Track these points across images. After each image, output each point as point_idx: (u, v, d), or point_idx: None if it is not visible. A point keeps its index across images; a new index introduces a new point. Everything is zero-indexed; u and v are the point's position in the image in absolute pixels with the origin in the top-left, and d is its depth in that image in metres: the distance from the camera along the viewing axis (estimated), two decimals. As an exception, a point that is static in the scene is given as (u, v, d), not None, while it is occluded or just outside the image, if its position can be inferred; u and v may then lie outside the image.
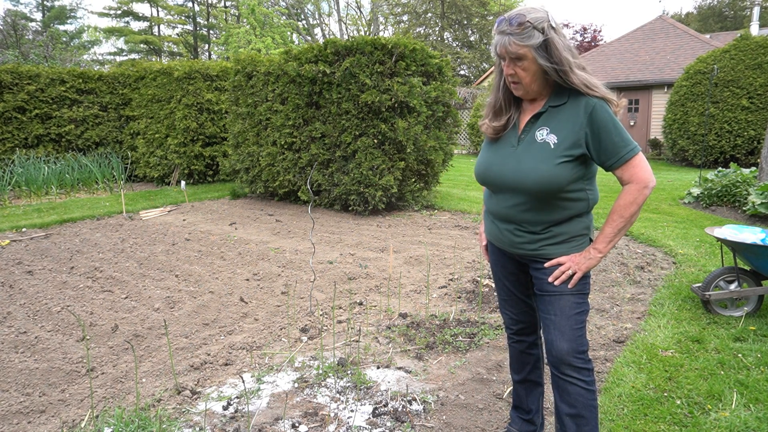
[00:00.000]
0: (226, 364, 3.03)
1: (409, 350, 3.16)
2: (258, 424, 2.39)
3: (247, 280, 4.63)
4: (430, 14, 33.65)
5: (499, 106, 1.91)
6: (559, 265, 1.83)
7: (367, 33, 34.37)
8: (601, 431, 2.30)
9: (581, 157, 1.77)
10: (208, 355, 3.14)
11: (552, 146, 1.76)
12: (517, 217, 1.85)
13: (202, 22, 39.63)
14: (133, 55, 36.53)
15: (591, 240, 1.91)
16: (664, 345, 3.13)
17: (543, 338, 1.93)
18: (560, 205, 1.80)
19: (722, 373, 2.79)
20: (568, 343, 1.81)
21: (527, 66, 1.74)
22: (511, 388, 2.70)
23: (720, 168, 8.26)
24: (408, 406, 2.53)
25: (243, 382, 2.64)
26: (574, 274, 1.81)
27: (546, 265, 1.84)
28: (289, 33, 29.25)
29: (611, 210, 1.80)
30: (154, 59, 33.76)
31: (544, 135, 1.79)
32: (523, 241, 1.88)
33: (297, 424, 2.38)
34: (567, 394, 1.84)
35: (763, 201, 6.20)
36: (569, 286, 1.82)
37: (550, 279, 1.83)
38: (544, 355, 2.01)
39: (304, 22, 33.07)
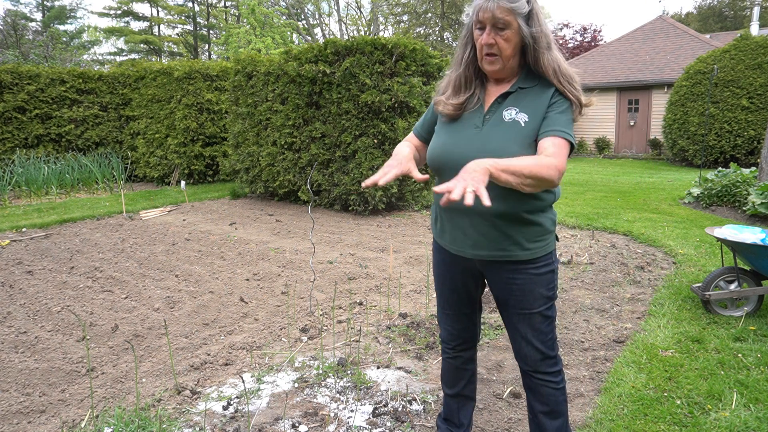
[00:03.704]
0: (226, 364, 3.03)
1: (409, 350, 3.16)
2: (258, 424, 2.39)
3: (247, 280, 4.63)
4: (430, 14, 33.63)
5: (460, 82, 1.75)
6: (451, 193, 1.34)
7: (367, 33, 34.38)
8: (601, 431, 2.30)
9: None
10: (208, 355, 3.14)
11: (522, 125, 1.63)
12: (482, 207, 1.63)
13: (202, 22, 39.61)
14: (133, 55, 36.49)
15: (557, 238, 1.83)
16: (664, 345, 3.13)
17: (512, 348, 1.89)
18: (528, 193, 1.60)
19: (722, 373, 2.79)
20: (540, 354, 1.80)
21: (510, 36, 1.61)
22: (511, 387, 2.70)
23: (720, 168, 8.27)
24: (408, 406, 2.53)
25: (243, 382, 2.64)
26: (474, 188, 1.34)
27: (436, 189, 1.37)
28: (289, 33, 29.22)
29: (527, 156, 1.56)
30: (154, 59, 33.76)
31: (513, 114, 1.65)
32: (487, 240, 1.70)
33: (297, 424, 2.38)
34: (539, 394, 1.86)
35: (763, 201, 6.20)
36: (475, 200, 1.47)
37: (452, 198, 1.29)
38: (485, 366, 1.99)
39: (304, 22, 33.06)
